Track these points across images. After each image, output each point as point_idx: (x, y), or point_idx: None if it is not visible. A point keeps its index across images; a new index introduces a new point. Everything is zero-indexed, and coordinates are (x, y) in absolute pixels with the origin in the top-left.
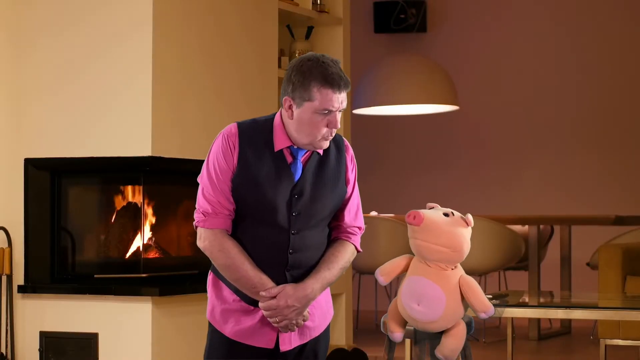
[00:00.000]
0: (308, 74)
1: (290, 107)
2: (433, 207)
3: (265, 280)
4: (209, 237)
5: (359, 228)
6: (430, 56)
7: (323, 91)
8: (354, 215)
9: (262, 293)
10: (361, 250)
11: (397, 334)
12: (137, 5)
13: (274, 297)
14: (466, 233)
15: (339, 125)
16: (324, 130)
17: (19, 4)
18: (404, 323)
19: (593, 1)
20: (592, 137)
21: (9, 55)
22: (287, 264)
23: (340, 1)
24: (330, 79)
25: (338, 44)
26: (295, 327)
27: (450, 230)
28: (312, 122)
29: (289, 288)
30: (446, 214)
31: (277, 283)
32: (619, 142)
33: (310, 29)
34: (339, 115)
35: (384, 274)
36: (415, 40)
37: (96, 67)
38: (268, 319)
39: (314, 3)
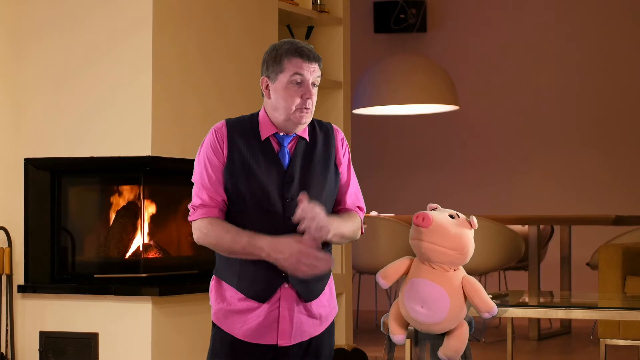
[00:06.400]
0: (279, 51)
1: (267, 87)
2: (435, 208)
3: (251, 236)
4: (203, 225)
5: (360, 208)
6: (430, 56)
7: (293, 60)
8: (354, 199)
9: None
10: (364, 231)
11: (399, 336)
12: (137, 5)
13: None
14: (471, 235)
15: (313, 96)
16: (298, 101)
17: (19, 4)
18: (405, 325)
19: (594, 0)
20: (592, 137)
21: (9, 55)
22: None
23: (340, 1)
24: (300, 50)
25: (338, 44)
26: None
27: (457, 232)
28: (287, 94)
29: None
30: (451, 216)
31: (277, 273)
32: (619, 142)
33: (310, 29)
34: (313, 89)
35: (385, 277)
36: (415, 40)
37: (96, 67)
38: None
39: (314, 3)
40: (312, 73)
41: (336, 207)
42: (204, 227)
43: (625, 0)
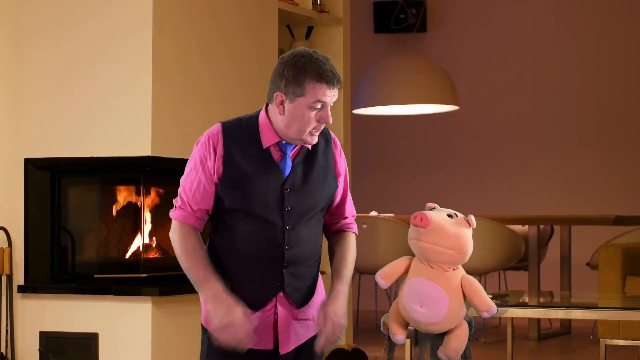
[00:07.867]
0: (302, 70)
1: (282, 102)
2: (433, 208)
3: (210, 275)
4: (176, 232)
5: (354, 216)
6: (430, 56)
7: (317, 87)
8: (351, 208)
9: None
10: (357, 232)
11: (399, 336)
12: (137, 5)
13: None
14: (469, 234)
15: (331, 120)
16: (314, 124)
17: (19, 4)
18: (405, 324)
19: (594, 0)
20: (592, 137)
21: (9, 55)
22: (284, 261)
23: (340, 1)
24: (325, 76)
25: (338, 44)
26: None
27: (456, 232)
28: (304, 118)
29: (328, 310)
30: (449, 215)
31: (274, 280)
32: (619, 142)
33: (310, 29)
34: (329, 111)
35: (385, 276)
36: (415, 40)
37: (96, 67)
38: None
39: (314, 3)
40: (333, 97)
41: (337, 219)
42: (176, 235)
43: (625, 0)
